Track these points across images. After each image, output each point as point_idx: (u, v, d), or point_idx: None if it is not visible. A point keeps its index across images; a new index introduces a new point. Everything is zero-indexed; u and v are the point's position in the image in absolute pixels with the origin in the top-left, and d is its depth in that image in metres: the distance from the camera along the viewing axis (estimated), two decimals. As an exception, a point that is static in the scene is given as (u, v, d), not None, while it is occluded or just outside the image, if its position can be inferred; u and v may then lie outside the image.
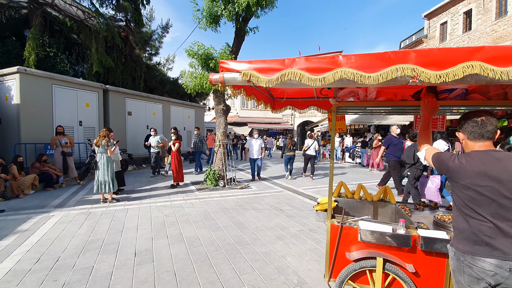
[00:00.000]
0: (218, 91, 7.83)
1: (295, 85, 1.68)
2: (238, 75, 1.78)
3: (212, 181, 7.49)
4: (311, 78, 1.57)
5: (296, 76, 1.59)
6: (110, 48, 12.09)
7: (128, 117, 11.21)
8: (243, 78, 1.74)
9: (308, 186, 7.84)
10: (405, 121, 11.49)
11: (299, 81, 1.58)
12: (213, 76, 1.90)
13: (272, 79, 1.65)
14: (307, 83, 1.57)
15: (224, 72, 1.87)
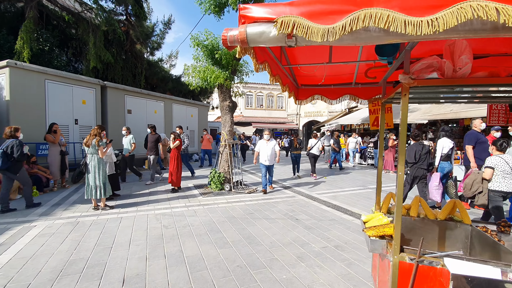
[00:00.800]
0: (224, 86, 7.16)
1: (372, 39, 0.99)
2: (272, 26, 1.08)
3: (217, 185, 6.81)
4: (412, 21, 0.88)
5: (380, 20, 0.90)
6: (110, 42, 11.49)
7: (128, 116, 10.59)
8: (280, 31, 1.05)
9: (323, 190, 7.13)
10: (422, 119, 10.73)
11: (386, 28, 0.90)
12: (229, 33, 1.18)
13: (334, 29, 0.96)
14: (400, 31, 0.89)
15: (247, 24, 1.15)
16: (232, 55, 7.01)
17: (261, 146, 6.67)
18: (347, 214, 4.99)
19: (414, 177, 5.19)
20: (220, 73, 6.80)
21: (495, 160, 3.81)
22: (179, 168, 6.74)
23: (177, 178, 6.62)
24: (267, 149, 6.58)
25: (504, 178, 3.72)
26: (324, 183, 8.18)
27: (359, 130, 18.54)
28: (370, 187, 7.62)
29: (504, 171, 3.71)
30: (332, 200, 6.08)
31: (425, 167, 5.11)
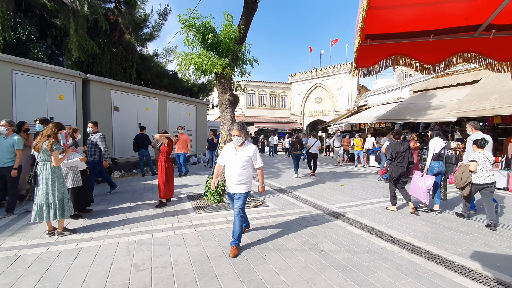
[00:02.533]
0: (223, 77, 5.89)
1: None
2: None
3: (214, 197, 5.54)
4: None
5: None
6: (96, 32, 10.26)
7: (115, 114, 9.34)
8: None
9: (343, 202, 5.84)
10: (449, 117, 9.41)
11: None
12: None
13: None
14: None
15: None
16: (234, 38, 5.75)
17: (227, 156, 3.52)
18: (389, 242, 3.70)
19: (395, 174, 5.23)
20: (217, 60, 5.54)
21: (478, 155, 4.54)
22: (169, 176, 5.48)
23: (165, 189, 5.35)
24: (235, 162, 3.38)
25: (484, 172, 4.45)
26: (342, 192, 6.89)
27: (369, 130, 17.22)
28: (400, 197, 6.32)
29: (484, 165, 4.45)
30: (360, 217, 4.79)
31: (404, 165, 5.14)
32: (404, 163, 5.14)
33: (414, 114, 10.80)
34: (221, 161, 3.61)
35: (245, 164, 3.38)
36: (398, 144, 5.26)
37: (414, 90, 13.21)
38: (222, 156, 3.57)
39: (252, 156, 3.44)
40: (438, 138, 5.28)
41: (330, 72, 25.96)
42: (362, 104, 19.82)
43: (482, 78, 10.30)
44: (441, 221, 4.66)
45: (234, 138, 3.39)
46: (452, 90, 11.28)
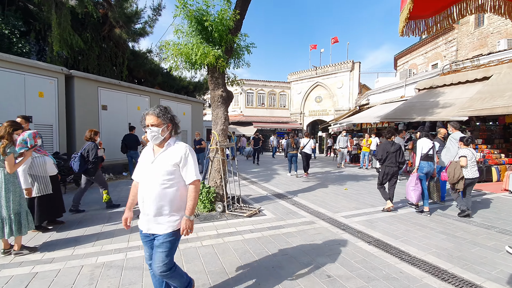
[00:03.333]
0: (216, 70, 5.29)
1: None
2: None
3: (205, 205, 4.93)
4: None
5: None
6: (83, 26, 9.64)
7: (103, 113, 8.73)
8: None
9: (349, 210, 5.24)
10: (459, 116, 8.82)
11: None
12: None
13: None
14: None
15: None
16: (227, 26, 5.14)
17: (141, 166, 2.10)
18: (408, 263, 3.10)
19: (386, 174, 5.21)
20: (210, 50, 4.93)
21: (466, 151, 4.92)
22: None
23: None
24: (151, 176, 1.98)
25: (472, 167, 4.86)
26: (347, 197, 6.30)
27: (371, 130, 16.65)
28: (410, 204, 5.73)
29: (471, 161, 4.85)
30: (370, 229, 4.19)
31: (394, 165, 5.14)
32: (395, 163, 5.13)
33: (420, 113, 10.21)
34: (136, 175, 2.11)
35: (169, 179, 1.94)
36: (389, 144, 5.22)
37: (420, 88, 12.62)
38: (138, 167, 2.11)
39: (181, 162, 1.98)
40: (425, 139, 5.31)
41: (331, 70, 25.38)
42: (363, 103, 19.24)
43: (493, 75, 9.72)
44: (463, 233, 4.07)
45: (148, 131, 1.96)
46: (460, 87, 10.69)
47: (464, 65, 11.55)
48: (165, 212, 1.94)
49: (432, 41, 21.20)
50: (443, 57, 20.07)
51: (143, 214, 1.98)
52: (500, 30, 16.02)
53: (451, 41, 19.40)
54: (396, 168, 5.16)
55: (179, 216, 2.00)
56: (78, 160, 4.77)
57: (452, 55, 19.14)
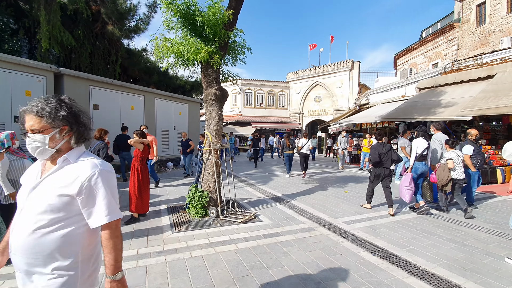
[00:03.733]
0: (210, 67, 4.99)
1: None
2: None
3: (198, 210, 4.63)
4: None
5: None
6: (75, 23, 9.33)
7: (95, 112, 8.42)
8: None
9: (350, 215, 4.95)
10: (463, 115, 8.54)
11: None
12: None
13: None
14: None
15: None
16: (221, 22, 4.85)
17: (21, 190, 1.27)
18: (417, 277, 2.81)
19: (377, 175, 5.22)
20: (202, 46, 4.64)
21: (452, 154, 5.12)
22: (143, 186, 4.57)
23: (137, 202, 4.45)
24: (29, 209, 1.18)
25: (458, 169, 5.09)
26: (347, 201, 6.01)
27: (371, 130, 16.39)
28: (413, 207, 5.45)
29: (457, 163, 5.07)
30: (374, 236, 3.90)
31: (388, 166, 5.15)
32: (387, 164, 5.13)
33: (422, 113, 9.93)
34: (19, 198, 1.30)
35: (51, 220, 1.17)
36: (380, 146, 5.20)
37: (421, 87, 12.36)
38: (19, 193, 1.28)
39: (80, 193, 1.20)
40: (421, 139, 5.26)
41: (330, 70, 25.11)
42: (363, 102, 18.98)
43: (497, 73, 9.46)
44: (473, 241, 3.78)
45: (27, 140, 1.20)
46: (463, 86, 10.43)
47: (467, 63, 11.29)
48: (38, 269, 1.16)
49: (432, 40, 20.96)
50: (444, 56, 19.82)
51: (15, 266, 1.19)
52: (502, 29, 15.76)
53: (452, 40, 19.15)
54: (388, 169, 5.16)
55: (66, 278, 1.18)
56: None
57: (453, 54, 18.89)
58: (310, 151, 11.69)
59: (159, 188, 7.20)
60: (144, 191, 4.59)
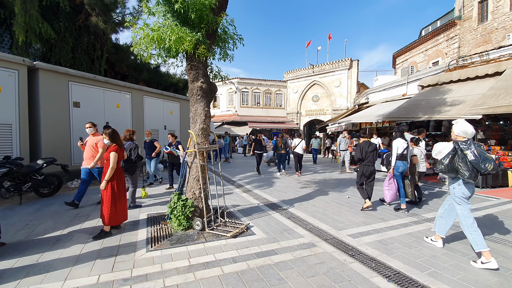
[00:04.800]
0: (195, 57, 4.36)
1: None
2: None
3: (181, 221, 4.00)
4: None
5: None
6: (55, 13, 8.64)
7: (75, 110, 7.74)
8: None
9: (355, 225, 4.34)
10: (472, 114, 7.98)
11: None
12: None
13: None
14: None
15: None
16: (208, 6, 4.22)
17: None
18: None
19: (363, 173, 5.33)
20: (186, 34, 4.02)
21: (416, 150, 5.80)
22: (118, 193, 3.93)
23: (111, 212, 3.80)
24: None
25: (421, 163, 5.89)
26: (351, 208, 5.41)
27: (370, 130, 15.84)
28: (425, 216, 4.86)
29: (421, 158, 5.85)
30: (386, 255, 3.29)
31: (372, 164, 5.30)
32: (373, 162, 5.30)
33: (427, 112, 9.38)
34: None
35: None
36: (366, 145, 5.34)
37: (424, 85, 11.83)
38: None
39: None
40: (400, 139, 5.45)
41: (328, 68, 24.58)
42: (363, 102, 18.44)
43: (506, 69, 8.93)
44: (502, 260, 3.19)
45: None
46: (469, 83, 9.90)
47: (472, 60, 10.77)
48: None
49: (432, 38, 20.51)
50: (445, 55, 19.36)
51: None
52: (505, 25, 15.31)
53: (453, 37, 18.70)
54: (373, 167, 5.33)
55: None
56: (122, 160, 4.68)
57: (454, 52, 18.43)
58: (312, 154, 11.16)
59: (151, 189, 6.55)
60: (119, 199, 3.94)
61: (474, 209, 5.37)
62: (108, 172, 3.81)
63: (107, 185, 3.80)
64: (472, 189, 3.26)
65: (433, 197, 6.55)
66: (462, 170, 3.11)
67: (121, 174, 4.05)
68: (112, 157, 3.83)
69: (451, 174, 3.28)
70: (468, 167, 3.08)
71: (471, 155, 3.07)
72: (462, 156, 3.14)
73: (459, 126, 3.30)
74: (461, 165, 3.13)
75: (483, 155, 3.04)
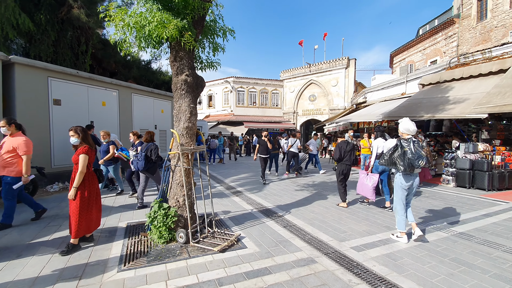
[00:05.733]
0: (181, 47, 3.87)
1: None
2: None
3: (162, 233, 3.51)
4: None
5: None
6: (36, 5, 8.08)
7: (55, 108, 7.20)
8: None
9: (358, 235, 3.90)
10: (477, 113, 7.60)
11: None
12: None
13: None
14: None
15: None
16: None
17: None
18: None
19: (341, 172, 5.47)
20: (170, 19, 3.54)
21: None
22: (89, 200, 3.42)
23: (79, 221, 3.30)
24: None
25: None
26: (352, 214, 4.97)
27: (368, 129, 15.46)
28: (434, 224, 4.44)
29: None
30: (397, 274, 2.85)
31: (349, 163, 5.48)
32: (350, 161, 5.48)
33: (429, 110, 8.99)
34: None
35: None
36: (344, 144, 5.51)
37: (425, 83, 11.46)
38: None
39: None
40: (380, 139, 5.58)
41: (325, 67, 24.21)
42: (361, 101, 18.08)
43: (511, 67, 8.58)
44: (531, 279, 2.76)
45: None
46: (472, 81, 9.54)
47: (474, 57, 10.43)
48: None
49: (430, 37, 20.23)
50: (443, 53, 19.08)
51: None
52: (505, 24, 15.04)
53: (451, 36, 18.42)
54: (350, 166, 5.53)
55: None
56: (143, 159, 5.03)
57: (453, 51, 18.15)
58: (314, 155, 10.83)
59: (124, 197, 6.04)
60: (90, 209, 3.43)
61: (485, 215, 4.97)
62: (77, 178, 3.31)
63: (76, 193, 3.30)
64: (412, 179, 3.70)
65: (438, 200, 6.14)
66: (399, 164, 3.60)
67: (92, 179, 3.54)
68: (81, 160, 3.32)
69: (391, 167, 3.76)
70: (404, 162, 3.55)
71: (409, 151, 3.52)
72: (401, 152, 3.60)
73: (403, 125, 3.73)
74: (398, 160, 3.61)
75: (418, 153, 3.49)
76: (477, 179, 7.38)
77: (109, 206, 5.46)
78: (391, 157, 3.70)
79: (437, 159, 9.74)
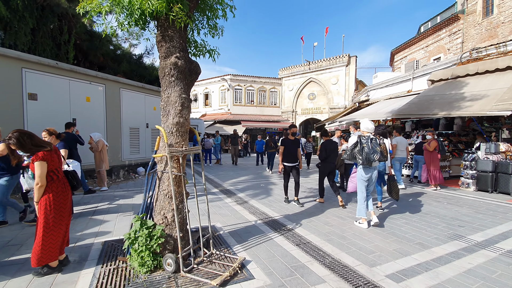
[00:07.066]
0: (170, 25, 3.09)
1: None
2: None
3: (144, 259, 2.73)
4: None
5: None
6: (10, -11, 7.20)
7: (30, 104, 6.35)
8: None
9: (391, 257, 3.16)
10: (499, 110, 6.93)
11: None
12: None
13: None
14: None
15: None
16: None
17: None
18: None
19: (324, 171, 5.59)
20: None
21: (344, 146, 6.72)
22: (52, 222, 2.63)
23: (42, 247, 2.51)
24: None
25: None
26: (375, 228, 4.23)
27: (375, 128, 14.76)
28: (474, 239, 3.72)
29: None
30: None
31: (334, 161, 5.63)
32: (334, 160, 5.62)
33: (444, 108, 8.31)
34: None
35: None
36: (329, 143, 5.61)
37: (435, 79, 10.80)
38: None
39: None
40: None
41: (325, 65, 23.53)
42: (363, 99, 17.40)
43: (532, 61, 7.95)
44: None
45: None
46: (488, 77, 8.90)
47: (488, 52, 9.80)
48: None
49: (434, 34, 19.66)
50: (447, 50, 18.52)
51: None
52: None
53: (456, 32, 17.86)
54: (334, 164, 5.67)
55: None
56: None
57: (457, 48, 17.60)
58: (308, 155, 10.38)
59: (111, 205, 5.23)
60: (54, 230, 2.63)
61: None
62: (36, 192, 2.52)
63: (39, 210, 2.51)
64: (370, 172, 4.17)
65: (464, 207, 5.44)
66: (358, 158, 4.05)
67: (62, 189, 2.73)
68: (37, 170, 2.52)
69: (352, 160, 4.18)
70: (362, 156, 3.98)
71: (366, 147, 3.98)
72: (360, 148, 4.05)
73: (364, 124, 4.24)
74: (357, 155, 4.05)
75: (374, 148, 3.96)
76: (500, 182, 6.72)
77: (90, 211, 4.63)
78: (352, 151, 4.13)
79: (451, 160, 9.08)
